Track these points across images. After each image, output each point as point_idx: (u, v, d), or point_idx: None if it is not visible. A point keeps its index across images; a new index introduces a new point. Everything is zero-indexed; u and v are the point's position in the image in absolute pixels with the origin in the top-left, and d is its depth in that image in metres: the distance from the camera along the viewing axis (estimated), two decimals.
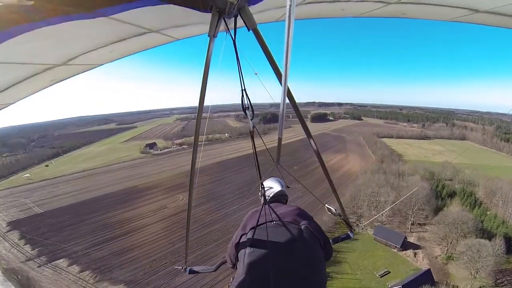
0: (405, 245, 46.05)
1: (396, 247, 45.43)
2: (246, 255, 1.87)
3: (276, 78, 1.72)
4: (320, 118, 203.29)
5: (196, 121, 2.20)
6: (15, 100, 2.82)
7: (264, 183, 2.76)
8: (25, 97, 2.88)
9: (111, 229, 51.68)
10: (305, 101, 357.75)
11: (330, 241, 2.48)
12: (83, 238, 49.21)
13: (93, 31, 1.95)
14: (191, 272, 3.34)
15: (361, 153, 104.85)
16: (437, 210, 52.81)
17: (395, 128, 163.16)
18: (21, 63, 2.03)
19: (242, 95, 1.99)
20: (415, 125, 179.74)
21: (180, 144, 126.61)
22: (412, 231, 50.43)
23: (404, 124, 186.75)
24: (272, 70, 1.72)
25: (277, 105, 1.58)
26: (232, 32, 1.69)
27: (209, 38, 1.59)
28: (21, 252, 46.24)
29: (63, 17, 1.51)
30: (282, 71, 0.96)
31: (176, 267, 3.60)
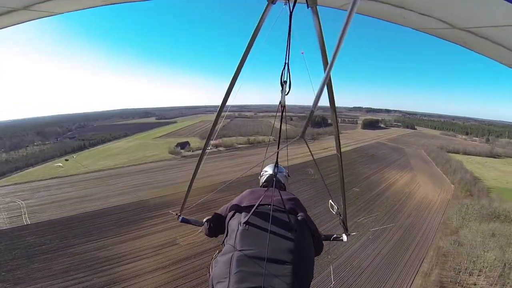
0: None
1: None
2: (239, 232, 1.75)
3: (322, 63, 1.73)
4: (372, 125, 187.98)
5: (222, 102, 2.17)
6: (62, 11, 2.78)
7: (267, 167, 2.86)
8: (73, 11, 2.85)
9: (92, 272, 35.54)
10: (352, 106, 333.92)
11: (323, 236, 2.42)
12: (54, 279, 33.97)
13: None
14: (183, 220, 3.46)
15: (430, 173, 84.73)
16: None
17: (455, 141, 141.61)
18: None
19: (284, 68, 2.00)
20: (476, 138, 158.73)
21: (216, 146, 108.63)
22: None
23: (464, 137, 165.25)
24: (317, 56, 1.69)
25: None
26: (289, 6, 1.68)
27: (267, 2, 1.56)
28: None
29: None
30: (329, 59, 0.95)
31: (170, 212, 3.64)
